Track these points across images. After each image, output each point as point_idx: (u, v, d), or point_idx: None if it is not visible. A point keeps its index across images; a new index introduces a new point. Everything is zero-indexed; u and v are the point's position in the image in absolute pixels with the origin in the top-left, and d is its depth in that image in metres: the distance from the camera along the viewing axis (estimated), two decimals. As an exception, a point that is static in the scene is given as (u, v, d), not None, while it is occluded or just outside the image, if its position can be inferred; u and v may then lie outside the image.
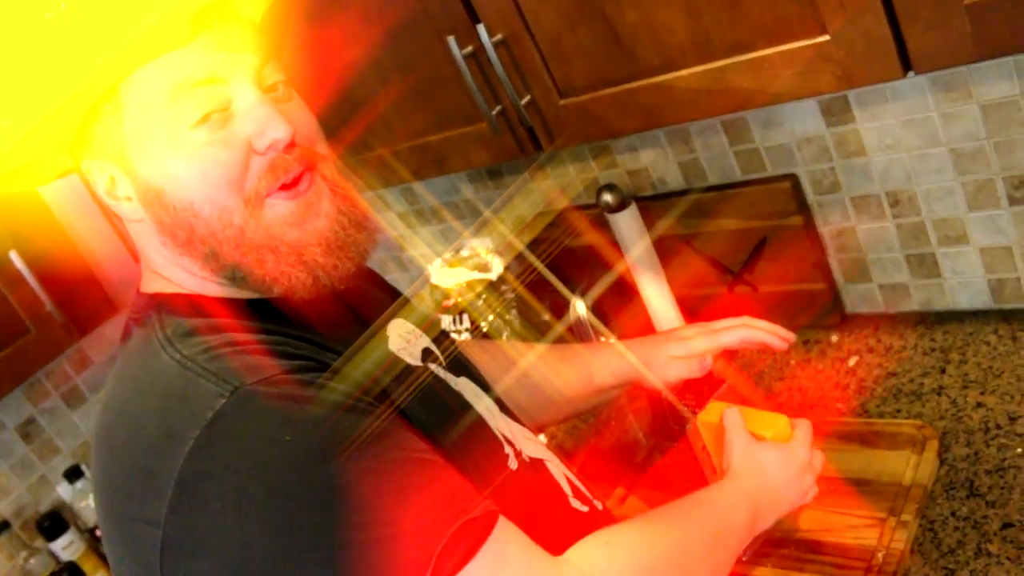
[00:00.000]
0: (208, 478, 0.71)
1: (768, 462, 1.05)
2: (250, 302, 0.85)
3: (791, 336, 1.20)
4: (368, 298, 1.02)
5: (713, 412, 1.14)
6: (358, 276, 0.86)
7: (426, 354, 0.99)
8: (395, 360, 0.93)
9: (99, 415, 0.84)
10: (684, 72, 1.08)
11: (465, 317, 1.68)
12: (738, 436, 1.07)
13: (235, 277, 0.82)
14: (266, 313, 0.85)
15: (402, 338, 0.97)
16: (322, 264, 0.82)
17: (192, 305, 0.84)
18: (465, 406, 0.96)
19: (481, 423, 0.95)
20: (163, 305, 0.84)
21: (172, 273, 0.86)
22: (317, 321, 0.86)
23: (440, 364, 0.99)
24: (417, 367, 0.95)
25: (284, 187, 0.80)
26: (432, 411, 0.88)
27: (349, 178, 0.87)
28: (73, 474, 2.06)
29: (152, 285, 0.87)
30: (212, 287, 0.85)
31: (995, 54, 0.88)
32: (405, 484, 0.74)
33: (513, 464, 0.94)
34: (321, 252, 0.82)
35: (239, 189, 0.79)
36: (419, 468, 0.76)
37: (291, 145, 0.80)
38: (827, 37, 0.95)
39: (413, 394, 0.87)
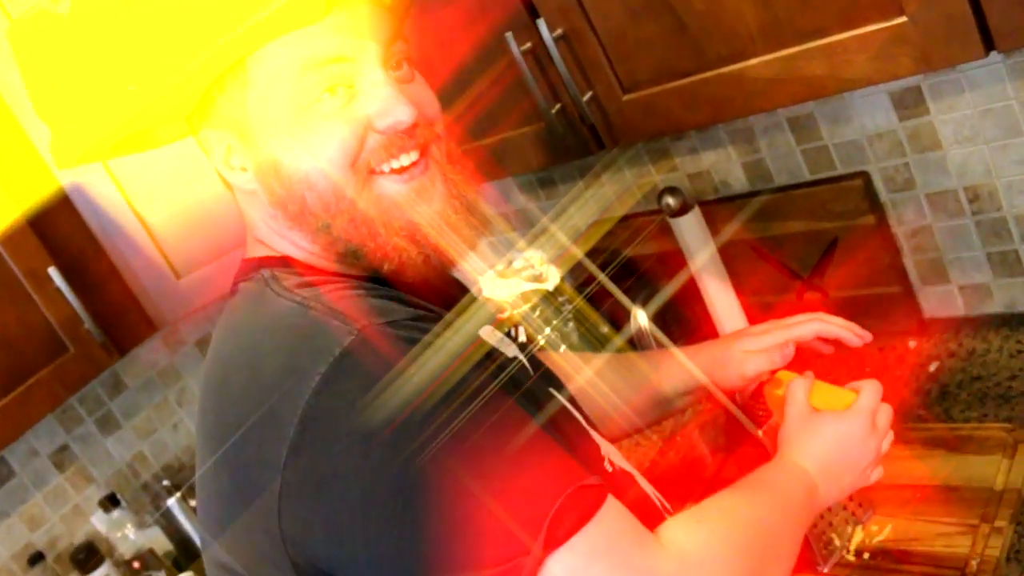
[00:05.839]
0: (333, 416, 0.74)
1: (822, 434, 1.05)
2: (357, 277, 0.90)
3: (867, 335, 1.22)
4: (457, 295, 1.07)
5: (781, 384, 1.15)
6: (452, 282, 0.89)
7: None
8: (483, 343, 0.96)
9: (207, 366, 0.88)
10: (754, 61, 1.12)
11: (520, 330, 1.71)
12: (793, 407, 1.08)
13: (347, 253, 0.88)
14: (374, 283, 0.89)
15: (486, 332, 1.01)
16: (433, 245, 0.87)
17: (300, 266, 0.89)
18: (556, 401, 0.99)
19: (575, 420, 0.98)
20: (272, 264, 0.90)
21: (278, 244, 0.91)
22: (418, 299, 0.91)
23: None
24: (508, 357, 0.99)
25: (399, 170, 0.86)
26: (528, 398, 0.91)
27: (463, 160, 0.93)
28: (108, 503, 2.12)
29: (258, 251, 0.93)
30: (318, 261, 0.90)
31: (1082, 31, 0.90)
32: (522, 442, 0.78)
33: (608, 467, 0.97)
34: (434, 233, 0.87)
35: (352, 163, 0.85)
36: (534, 432, 0.80)
37: (413, 126, 0.85)
38: (904, 19, 0.98)
39: (510, 377, 0.90)
